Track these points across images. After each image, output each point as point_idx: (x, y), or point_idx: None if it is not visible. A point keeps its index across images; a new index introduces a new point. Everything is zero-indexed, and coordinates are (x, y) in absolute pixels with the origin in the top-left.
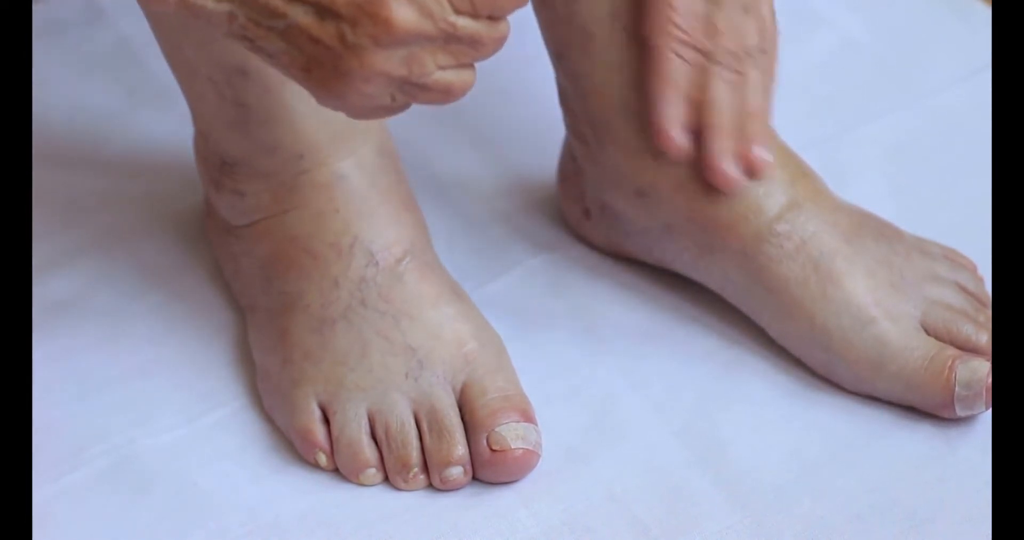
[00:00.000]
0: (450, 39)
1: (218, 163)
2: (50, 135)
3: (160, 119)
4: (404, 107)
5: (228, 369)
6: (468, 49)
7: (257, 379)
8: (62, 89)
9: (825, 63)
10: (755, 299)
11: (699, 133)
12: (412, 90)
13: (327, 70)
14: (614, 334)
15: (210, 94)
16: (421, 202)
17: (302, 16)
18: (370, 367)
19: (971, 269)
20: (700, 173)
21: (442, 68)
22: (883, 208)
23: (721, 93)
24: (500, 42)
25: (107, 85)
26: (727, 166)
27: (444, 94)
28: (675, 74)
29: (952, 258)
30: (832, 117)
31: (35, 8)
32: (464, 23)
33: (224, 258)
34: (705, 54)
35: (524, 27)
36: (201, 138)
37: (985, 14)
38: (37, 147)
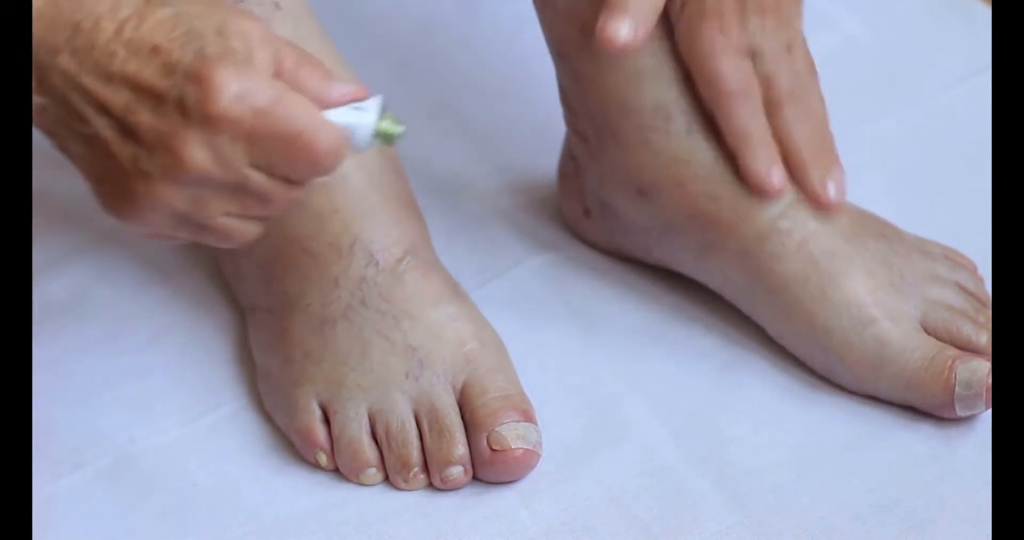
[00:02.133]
0: (239, 190)
1: None
2: None
3: None
4: (186, 239)
5: (228, 369)
6: (257, 203)
7: (257, 379)
8: None
9: (825, 63)
10: (755, 299)
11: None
12: (191, 228)
13: (117, 187)
14: (614, 334)
15: None
16: (421, 202)
17: (105, 130)
18: (370, 367)
19: (971, 269)
20: (700, 172)
21: (227, 215)
22: (883, 208)
23: (795, 126)
24: (290, 204)
25: None
26: (829, 190)
27: (224, 239)
28: (744, 126)
29: (952, 258)
30: (832, 117)
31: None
32: (257, 179)
33: (224, 258)
34: (765, 100)
35: (523, 26)
36: None
37: (985, 14)
38: (37, 147)
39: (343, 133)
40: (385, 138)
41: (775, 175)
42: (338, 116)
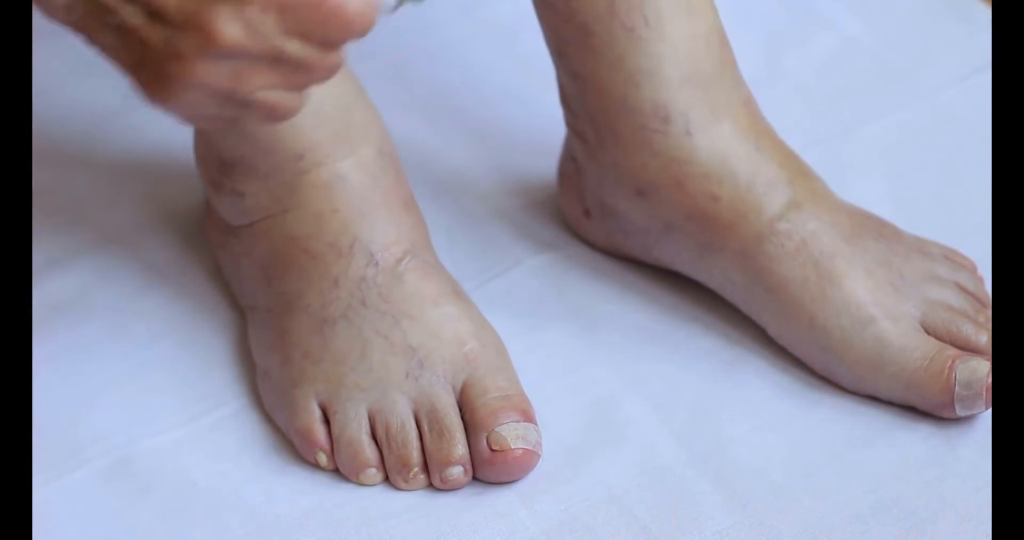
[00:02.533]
0: (277, 61)
1: (217, 163)
2: (50, 135)
3: (160, 119)
4: (234, 121)
5: (228, 369)
6: (296, 73)
7: (257, 379)
8: (62, 89)
9: (825, 63)
10: (755, 299)
11: None
12: (235, 105)
13: (153, 72)
14: (614, 333)
15: None
16: (421, 202)
17: (132, 16)
18: (370, 367)
19: (971, 269)
20: (699, 172)
21: (268, 88)
22: (883, 208)
23: None
24: (331, 70)
25: (107, 85)
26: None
27: (268, 114)
28: None
29: (952, 258)
30: (832, 117)
31: (35, 8)
32: (293, 47)
33: (224, 258)
34: None
35: (523, 26)
36: (200, 138)
37: (985, 14)
38: (37, 147)
39: None
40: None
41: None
42: None
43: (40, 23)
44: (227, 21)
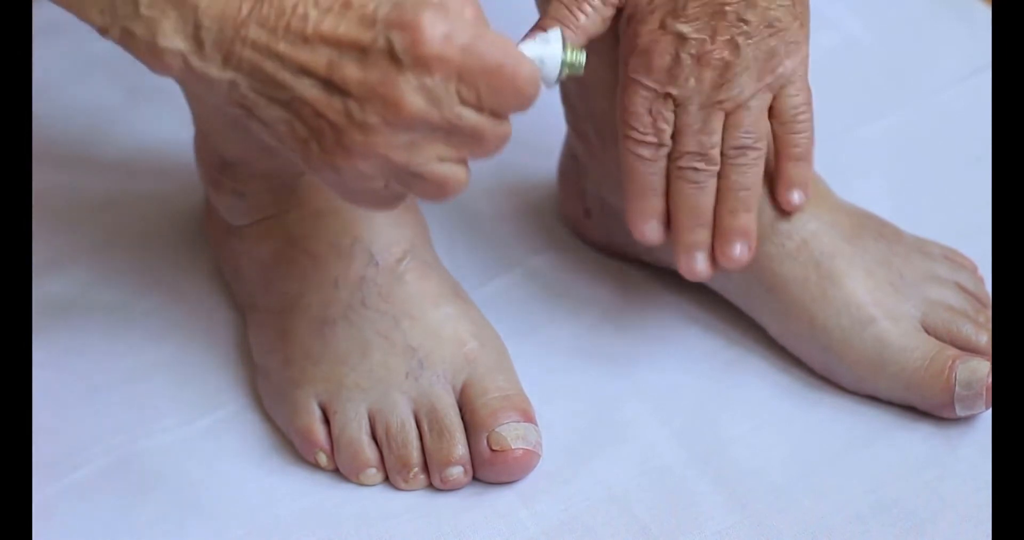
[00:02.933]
0: (453, 130)
1: (218, 163)
2: (50, 135)
3: (160, 119)
4: (395, 198)
5: (228, 369)
6: (470, 143)
7: (257, 379)
8: (62, 89)
9: (825, 63)
10: (755, 298)
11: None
12: (407, 178)
13: (328, 143)
14: (614, 334)
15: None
16: (421, 202)
17: (309, 89)
18: (370, 367)
19: (971, 269)
20: None
21: (441, 160)
22: (883, 208)
23: (682, 191)
24: (502, 140)
25: (107, 85)
26: (691, 261)
27: (438, 187)
28: (637, 172)
29: (952, 258)
30: (832, 117)
31: (35, 8)
32: (468, 115)
33: (224, 258)
34: (670, 156)
35: (524, 26)
36: (201, 138)
37: (985, 14)
38: (37, 147)
39: (536, 64)
40: (572, 67)
41: (649, 228)
42: (528, 49)
43: (40, 23)
44: (411, 91)
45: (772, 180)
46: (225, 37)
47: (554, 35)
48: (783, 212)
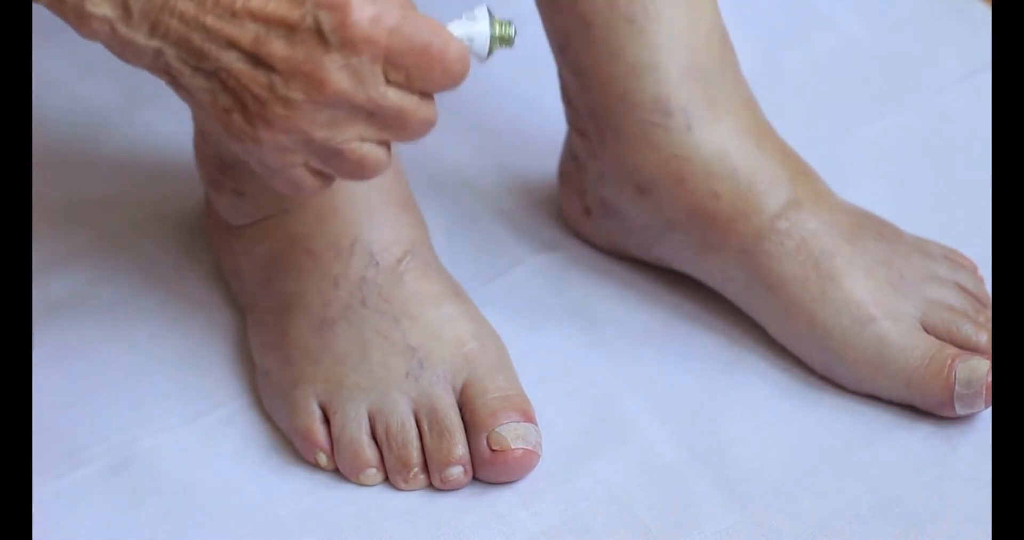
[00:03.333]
0: (377, 110)
1: (218, 163)
2: (50, 135)
3: (160, 119)
4: (314, 180)
5: (228, 369)
6: (393, 124)
7: (257, 379)
8: (62, 89)
9: (825, 63)
10: (755, 298)
11: None
12: (327, 155)
13: (249, 114)
14: (614, 333)
15: None
16: (421, 201)
17: (234, 62)
18: (370, 367)
19: (971, 269)
20: (700, 168)
21: (362, 140)
22: (883, 208)
23: None
24: (426, 124)
25: (107, 85)
26: None
27: (357, 166)
28: None
29: (952, 258)
30: (832, 117)
31: (35, 8)
32: (393, 96)
33: (224, 258)
34: None
35: (524, 27)
36: (201, 138)
37: (985, 14)
38: (37, 147)
39: (464, 43)
40: (503, 41)
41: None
42: (456, 29)
43: (40, 23)
44: (337, 70)
45: None
46: (153, 6)
47: (480, 12)
48: (783, 212)
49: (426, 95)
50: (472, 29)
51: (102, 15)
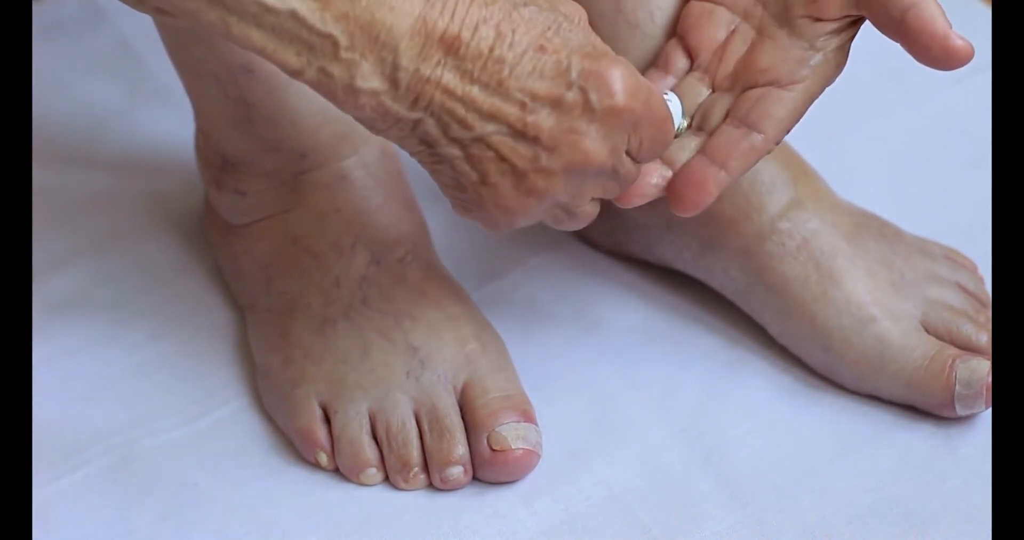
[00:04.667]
0: (614, 175)
1: (219, 162)
2: (50, 135)
3: (160, 118)
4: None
5: (228, 369)
6: (619, 186)
7: (257, 379)
8: (62, 89)
9: None
10: (756, 298)
11: None
12: (561, 214)
13: (507, 187)
14: (614, 334)
15: (214, 91)
16: (422, 201)
17: (495, 135)
18: (371, 367)
19: (971, 269)
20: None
21: (593, 200)
22: (883, 208)
23: None
24: (634, 181)
25: (107, 85)
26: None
27: (579, 222)
28: None
29: (952, 258)
30: (832, 117)
31: (35, 8)
32: (627, 162)
33: (224, 258)
34: None
35: None
36: (203, 136)
37: (985, 14)
38: (37, 147)
39: None
40: (679, 129)
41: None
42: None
43: (40, 23)
44: (598, 140)
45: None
46: (419, 78)
47: (674, 98)
48: (783, 212)
49: (643, 160)
50: (672, 102)
51: (371, 89)
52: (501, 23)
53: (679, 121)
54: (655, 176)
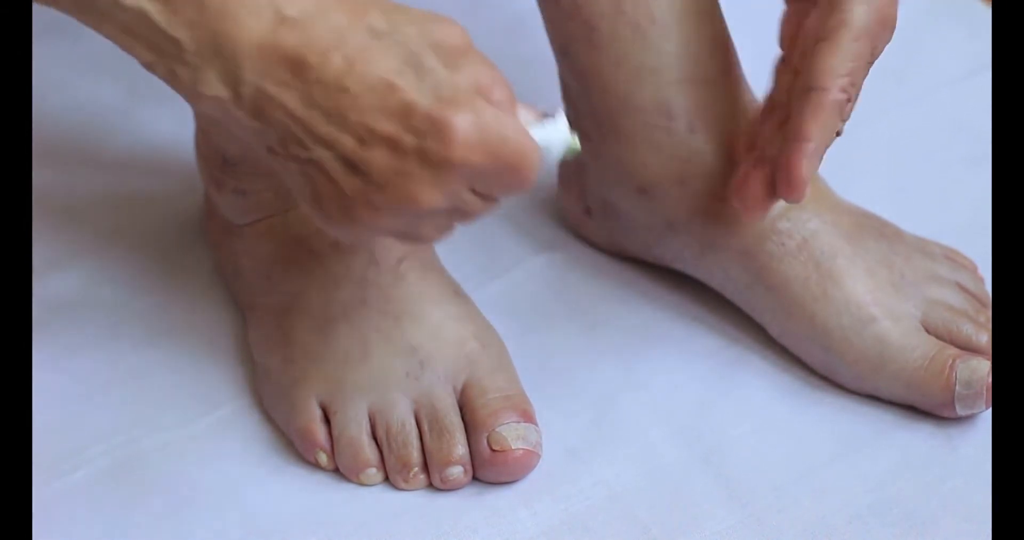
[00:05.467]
0: (455, 211)
1: (219, 161)
2: (50, 135)
3: (160, 118)
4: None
5: (228, 369)
6: (465, 218)
7: (257, 379)
8: (62, 89)
9: None
10: (756, 297)
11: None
12: (401, 237)
13: (334, 210)
14: (614, 334)
15: None
16: None
17: (329, 161)
18: (371, 367)
19: (971, 269)
20: (701, 170)
21: (436, 228)
22: (883, 208)
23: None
24: (487, 213)
25: (107, 84)
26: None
27: (425, 243)
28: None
29: (952, 258)
30: None
31: (35, 8)
32: (470, 200)
33: (224, 257)
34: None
35: (524, 25)
36: (203, 136)
37: (985, 14)
38: (37, 147)
39: (543, 150)
40: (571, 151)
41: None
42: (538, 133)
43: (40, 23)
44: (431, 187)
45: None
46: (261, 95)
47: (560, 119)
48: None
49: (496, 198)
50: (552, 135)
51: (214, 95)
52: (354, 52)
53: (563, 145)
54: (756, 183)
